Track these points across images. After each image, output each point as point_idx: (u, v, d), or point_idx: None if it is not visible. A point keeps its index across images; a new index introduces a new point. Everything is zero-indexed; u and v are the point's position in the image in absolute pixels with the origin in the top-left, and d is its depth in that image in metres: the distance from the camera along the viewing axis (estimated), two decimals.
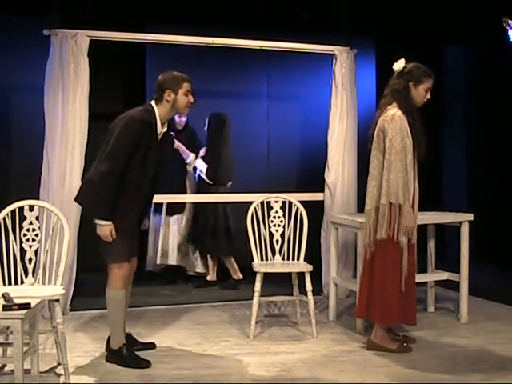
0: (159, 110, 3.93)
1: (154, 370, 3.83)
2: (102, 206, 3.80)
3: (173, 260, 6.27)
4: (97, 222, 3.81)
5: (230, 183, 6.22)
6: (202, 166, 6.09)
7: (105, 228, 3.80)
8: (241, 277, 6.19)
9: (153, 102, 3.96)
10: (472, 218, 4.91)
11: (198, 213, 6.24)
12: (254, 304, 4.49)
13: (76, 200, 4.00)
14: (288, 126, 7.24)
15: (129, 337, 4.17)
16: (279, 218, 4.86)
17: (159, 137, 3.97)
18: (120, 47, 5.58)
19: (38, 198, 4.73)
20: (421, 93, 4.20)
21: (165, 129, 4.01)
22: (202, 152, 6.17)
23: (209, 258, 6.26)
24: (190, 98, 3.99)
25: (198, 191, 6.22)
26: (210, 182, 6.09)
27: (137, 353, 3.97)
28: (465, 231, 4.89)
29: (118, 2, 6.14)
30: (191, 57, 5.98)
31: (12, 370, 3.16)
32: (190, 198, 6.02)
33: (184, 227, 6.30)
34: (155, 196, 4.37)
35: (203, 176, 6.09)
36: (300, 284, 4.71)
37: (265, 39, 5.66)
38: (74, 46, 5.03)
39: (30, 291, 3.58)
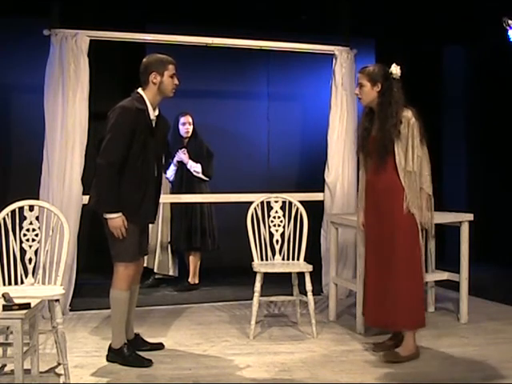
0: (147, 96, 3.92)
1: (154, 370, 3.82)
2: (107, 199, 3.77)
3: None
4: (107, 216, 3.78)
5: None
6: (196, 167, 6.05)
7: (115, 220, 3.77)
8: (196, 282, 6.12)
9: (139, 90, 3.95)
10: (472, 218, 4.92)
11: (176, 212, 6.17)
12: (253, 304, 4.49)
13: (88, 206, 3.99)
14: (288, 126, 7.25)
15: (137, 337, 4.17)
16: (279, 218, 4.86)
17: (153, 122, 3.95)
18: (120, 47, 5.58)
19: (38, 198, 4.73)
20: None
21: (156, 112, 3.99)
22: (182, 154, 6.03)
23: (191, 261, 6.13)
24: (176, 81, 3.97)
25: (174, 192, 6.12)
26: (207, 179, 6.11)
27: (140, 353, 3.96)
28: (465, 231, 4.90)
29: (118, 2, 6.14)
30: (191, 57, 5.97)
31: (12, 370, 3.16)
32: (189, 198, 5.94)
33: (155, 228, 6.13)
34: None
35: (200, 175, 6.07)
36: (300, 284, 4.71)
37: (265, 39, 5.66)
38: (73, 46, 5.03)
39: (30, 291, 3.57)
